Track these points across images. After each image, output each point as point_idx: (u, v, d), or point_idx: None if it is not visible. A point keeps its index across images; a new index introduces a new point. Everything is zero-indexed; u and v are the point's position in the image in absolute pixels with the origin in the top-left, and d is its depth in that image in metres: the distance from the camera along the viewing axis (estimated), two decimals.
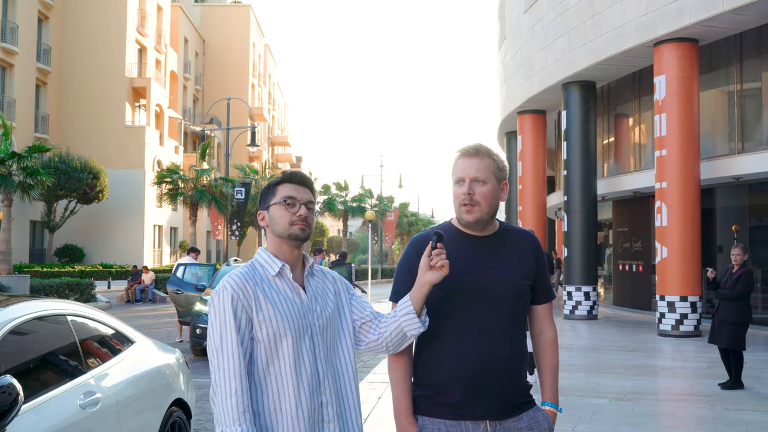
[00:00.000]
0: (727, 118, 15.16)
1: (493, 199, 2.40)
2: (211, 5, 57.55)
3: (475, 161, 2.40)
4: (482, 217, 2.40)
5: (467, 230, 2.45)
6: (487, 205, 2.39)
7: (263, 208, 2.38)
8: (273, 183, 2.38)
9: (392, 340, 2.36)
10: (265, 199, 2.38)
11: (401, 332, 2.33)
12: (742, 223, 15.72)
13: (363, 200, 52.14)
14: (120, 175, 36.63)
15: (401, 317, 2.32)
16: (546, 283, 2.56)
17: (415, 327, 2.31)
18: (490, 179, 2.40)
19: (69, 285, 20.09)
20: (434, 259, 2.26)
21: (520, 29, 21.37)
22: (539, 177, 21.83)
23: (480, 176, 2.38)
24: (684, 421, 6.78)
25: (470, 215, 2.40)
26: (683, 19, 13.31)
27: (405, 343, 2.38)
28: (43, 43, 36.08)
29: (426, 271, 2.27)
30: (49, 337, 3.86)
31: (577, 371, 9.57)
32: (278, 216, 2.32)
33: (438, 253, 2.26)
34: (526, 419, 2.43)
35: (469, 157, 2.42)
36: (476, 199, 2.38)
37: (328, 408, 2.27)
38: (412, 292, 2.31)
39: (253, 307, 2.21)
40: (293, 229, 2.31)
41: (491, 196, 2.39)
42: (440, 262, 2.25)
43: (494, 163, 2.41)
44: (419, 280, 2.29)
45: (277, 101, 73.15)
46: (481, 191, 2.38)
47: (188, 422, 4.93)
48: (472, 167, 2.39)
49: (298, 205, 2.32)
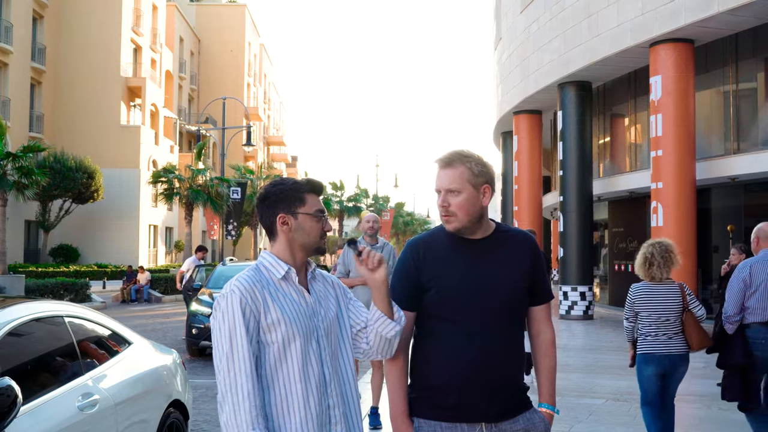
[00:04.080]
0: (722, 118, 15.20)
1: (470, 207, 2.40)
2: (207, 5, 57.45)
3: (449, 172, 2.41)
4: (461, 226, 2.41)
5: (460, 234, 2.46)
6: (464, 214, 2.40)
7: (287, 212, 2.30)
8: (300, 189, 2.33)
9: (379, 346, 2.38)
10: (289, 204, 2.30)
11: (381, 337, 2.35)
12: (737, 223, 15.75)
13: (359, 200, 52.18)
14: (115, 175, 36.51)
15: (374, 323, 2.34)
16: (543, 284, 2.55)
17: (391, 328, 2.33)
18: (464, 188, 2.39)
19: (64, 285, 20.04)
20: (368, 262, 2.29)
21: (516, 29, 21.38)
22: (535, 177, 21.85)
23: (453, 187, 2.40)
24: (680, 421, 6.79)
25: (449, 225, 2.43)
26: (679, 20, 13.33)
27: (393, 346, 2.39)
28: (37, 43, 35.95)
29: (371, 274, 2.29)
30: (46, 339, 3.85)
31: (573, 371, 9.58)
32: (310, 227, 2.31)
33: (366, 255, 2.29)
34: (523, 421, 2.44)
35: (442, 167, 2.44)
36: (452, 210, 2.40)
37: (335, 410, 2.27)
38: (373, 297, 2.33)
39: (261, 310, 2.20)
40: (321, 242, 2.34)
41: (468, 204, 2.39)
42: (373, 261, 2.28)
43: (468, 171, 2.40)
44: (371, 285, 2.31)
45: (273, 101, 73.08)
46: (456, 202, 2.39)
47: (185, 423, 4.92)
48: (446, 178, 2.41)
49: (325, 219, 2.35)
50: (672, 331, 4.95)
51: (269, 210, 2.32)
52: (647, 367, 5.01)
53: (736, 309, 5.09)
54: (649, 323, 5.01)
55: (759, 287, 5.04)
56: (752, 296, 5.06)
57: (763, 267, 5.08)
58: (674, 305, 4.96)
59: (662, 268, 5.03)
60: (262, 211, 2.34)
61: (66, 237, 35.93)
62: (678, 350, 4.95)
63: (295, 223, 2.30)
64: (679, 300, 4.98)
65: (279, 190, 2.32)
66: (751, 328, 5.07)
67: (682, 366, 4.99)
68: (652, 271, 5.04)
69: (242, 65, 55.88)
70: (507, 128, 24.72)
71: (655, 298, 5.00)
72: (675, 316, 4.95)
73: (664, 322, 4.96)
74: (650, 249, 5.09)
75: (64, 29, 37.76)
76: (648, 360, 5.00)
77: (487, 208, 2.46)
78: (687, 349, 4.98)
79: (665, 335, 4.95)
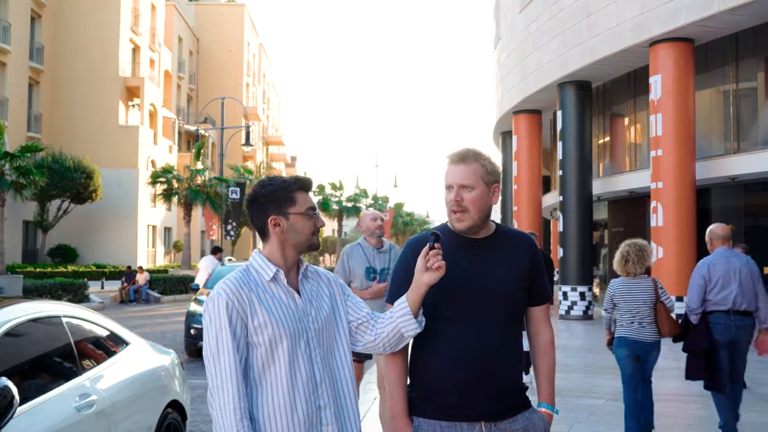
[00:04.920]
0: (722, 118, 15.18)
1: (482, 204, 2.41)
2: (206, 4, 57.46)
3: (462, 167, 2.41)
4: (473, 223, 2.41)
5: (462, 233, 2.46)
6: (476, 211, 2.40)
7: (278, 213, 2.29)
8: (289, 188, 2.31)
9: (389, 340, 2.37)
10: (279, 205, 2.30)
11: (398, 333, 2.34)
12: (737, 223, 15.73)
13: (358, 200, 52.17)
14: (113, 175, 36.49)
15: (398, 318, 2.33)
16: (542, 285, 2.56)
17: (412, 328, 2.33)
18: (478, 184, 2.40)
19: (62, 285, 20.00)
20: (431, 260, 2.27)
21: (515, 29, 21.37)
22: (535, 177, 21.85)
23: (467, 182, 2.40)
24: (679, 421, 6.78)
25: (460, 223, 2.42)
26: (678, 19, 13.32)
27: (402, 344, 2.39)
28: (36, 42, 35.92)
29: (423, 272, 2.29)
30: (44, 339, 3.83)
31: (573, 371, 9.57)
32: (302, 226, 2.30)
33: (435, 254, 2.27)
34: (522, 421, 2.44)
35: (455, 163, 2.43)
36: (465, 205, 2.39)
37: (325, 411, 2.26)
38: (409, 293, 2.33)
39: (248, 313, 2.20)
40: (314, 239, 2.33)
41: (480, 201, 2.40)
42: (437, 263, 2.27)
43: (482, 168, 2.41)
44: (416, 281, 2.31)
45: (272, 100, 73.11)
46: (470, 197, 2.39)
47: (183, 423, 4.91)
48: (459, 174, 2.41)
49: (317, 216, 2.33)
50: (645, 321, 5.62)
51: (260, 212, 2.31)
52: (621, 349, 5.70)
53: (697, 303, 5.92)
54: (624, 313, 5.68)
55: (717, 282, 5.87)
56: (712, 290, 5.90)
57: (718, 265, 5.91)
58: (648, 297, 5.63)
59: (636, 264, 5.65)
60: (253, 213, 2.33)
61: (64, 237, 35.91)
62: (649, 338, 5.63)
63: (287, 224, 2.29)
64: (652, 293, 5.63)
65: (268, 191, 2.30)
66: (714, 315, 5.89)
67: (654, 351, 5.68)
68: (628, 267, 5.67)
69: (241, 65, 55.89)
70: (506, 128, 24.71)
71: (631, 291, 5.66)
72: (648, 307, 5.61)
73: (638, 312, 5.62)
74: (626, 248, 5.72)
75: (62, 29, 37.74)
76: (621, 343, 5.69)
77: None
78: (658, 337, 5.66)
79: (639, 324, 5.62)
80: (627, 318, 5.66)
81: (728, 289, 5.84)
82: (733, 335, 5.86)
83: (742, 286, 5.84)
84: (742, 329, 5.86)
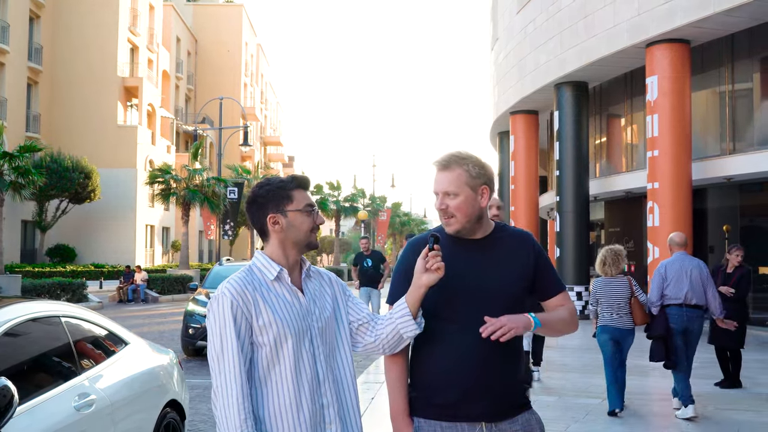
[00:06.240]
0: (718, 118, 15.23)
1: (468, 209, 2.41)
2: (204, 4, 57.41)
3: (446, 174, 2.42)
4: (461, 227, 2.43)
5: (460, 235, 2.47)
6: (462, 216, 2.41)
7: (276, 211, 2.31)
8: (286, 186, 2.34)
9: (389, 341, 2.37)
10: (277, 203, 2.32)
11: (397, 334, 2.35)
12: (733, 223, 15.80)
13: (355, 200, 52.10)
14: (112, 175, 36.47)
15: (397, 319, 2.34)
16: (552, 276, 2.56)
17: (411, 329, 2.33)
18: (462, 190, 2.40)
19: (61, 285, 19.99)
20: (430, 261, 2.28)
21: (513, 30, 21.40)
22: (531, 177, 21.88)
23: (450, 189, 2.41)
24: (676, 420, 6.82)
25: (449, 227, 2.44)
26: (675, 21, 13.36)
27: (401, 345, 2.40)
28: (34, 42, 35.90)
29: (422, 273, 2.30)
30: (43, 339, 3.85)
31: (570, 371, 9.60)
32: (300, 223, 2.32)
33: (434, 255, 2.28)
34: (521, 421, 2.45)
35: (440, 170, 2.45)
36: (450, 211, 2.41)
37: (329, 410, 2.28)
38: (408, 294, 2.33)
39: (252, 313, 2.21)
40: (312, 237, 2.35)
41: (465, 206, 2.40)
42: (435, 264, 2.28)
43: (466, 173, 2.41)
44: (415, 282, 2.32)
45: (270, 101, 73.06)
46: (454, 204, 2.40)
47: (182, 423, 4.92)
48: (444, 181, 2.42)
49: (316, 212, 2.35)
50: (622, 312, 6.87)
51: (259, 212, 2.34)
52: (602, 335, 6.96)
53: (657, 297, 6.99)
54: (606, 307, 6.91)
55: (672, 280, 6.96)
56: (668, 286, 6.97)
57: (674, 266, 7.02)
58: (623, 293, 6.88)
59: (612, 267, 6.92)
60: (253, 213, 2.36)
61: (63, 237, 35.88)
62: (625, 326, 6.87)
63: (285, 222, 2.31)
64: (627, 289, 6.89)
65: (266, 191, 2.34)
66: (670, 308, 6.95)
67: (629, 337, 6.92)
68: (605, 269, 6.96)
69: (239, 65, 55.85)
70: (504, 128, 24.74)
71: (609, 289, 6.93)
72: (624, 301, 6.87)
73: (617, 305, 6.86)
74: (605, 253, 6.99)
75: (60, 29, 37.71)
76: (603, 330, 6.95)
77: (487, 208, 2.47)
78: (632, 325, 6.90)
79: (617, 314, 6.87)
80: (608, 310, 6.88)
81: (681, 285, 6.92)
82: (686, 324, 6.92)
83: (693, 284, 6.92)
84: (693, 319, 6.94)
